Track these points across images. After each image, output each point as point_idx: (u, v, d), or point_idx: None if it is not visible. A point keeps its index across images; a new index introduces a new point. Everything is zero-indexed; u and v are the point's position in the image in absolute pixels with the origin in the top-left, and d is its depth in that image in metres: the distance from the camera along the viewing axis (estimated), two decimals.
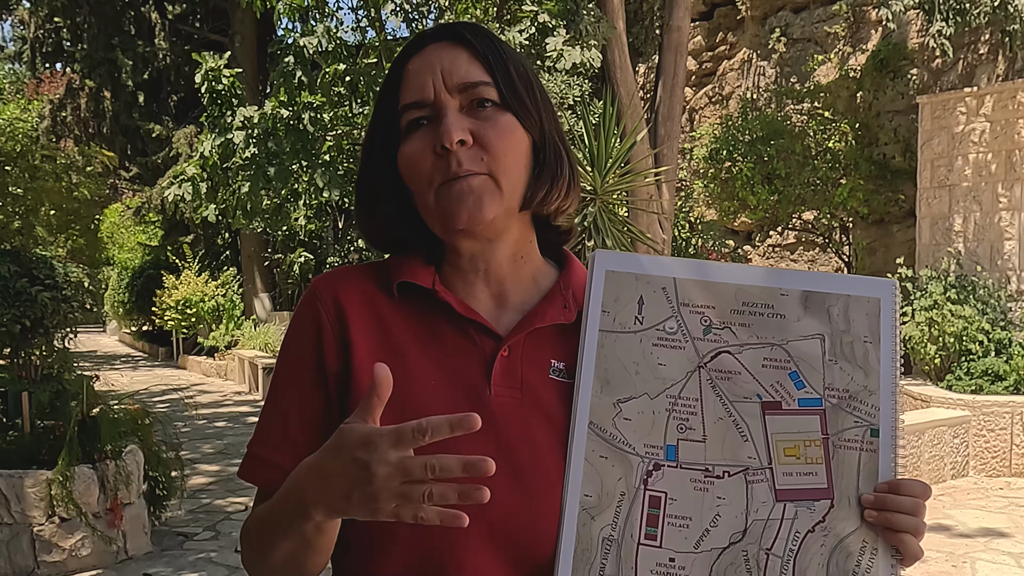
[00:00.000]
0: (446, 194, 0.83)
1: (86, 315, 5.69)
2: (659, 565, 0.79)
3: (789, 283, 0.85)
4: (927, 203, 8.10)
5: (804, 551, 0.79)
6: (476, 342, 0.86)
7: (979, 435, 6.26)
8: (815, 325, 0.83)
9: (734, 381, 0.82)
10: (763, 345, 0.83)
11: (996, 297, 7.15)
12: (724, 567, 0.79)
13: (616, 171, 5.94)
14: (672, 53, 8.04)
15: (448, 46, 0.86)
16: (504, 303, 0.90)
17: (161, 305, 15.00)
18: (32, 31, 18.76)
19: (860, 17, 10.11)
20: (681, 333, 0.83)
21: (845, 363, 0.82)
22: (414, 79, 0.85)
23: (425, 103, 0.84)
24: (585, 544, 0.79)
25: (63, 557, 4.29)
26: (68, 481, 4.21)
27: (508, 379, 0.85)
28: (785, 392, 0.82)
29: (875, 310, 0.84)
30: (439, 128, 0.83)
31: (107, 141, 17.32)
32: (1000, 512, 5.35)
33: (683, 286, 0.84)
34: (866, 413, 0.82)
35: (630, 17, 10.96)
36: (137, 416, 4.96)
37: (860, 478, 0.80)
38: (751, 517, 0.79)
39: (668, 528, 0.79)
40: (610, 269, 0.86)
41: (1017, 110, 7.43)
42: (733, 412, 0.81)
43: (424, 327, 0.87)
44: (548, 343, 0.88)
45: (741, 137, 9.35)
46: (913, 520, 0.78)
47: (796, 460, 0.80)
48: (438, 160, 0.83)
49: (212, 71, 8.68)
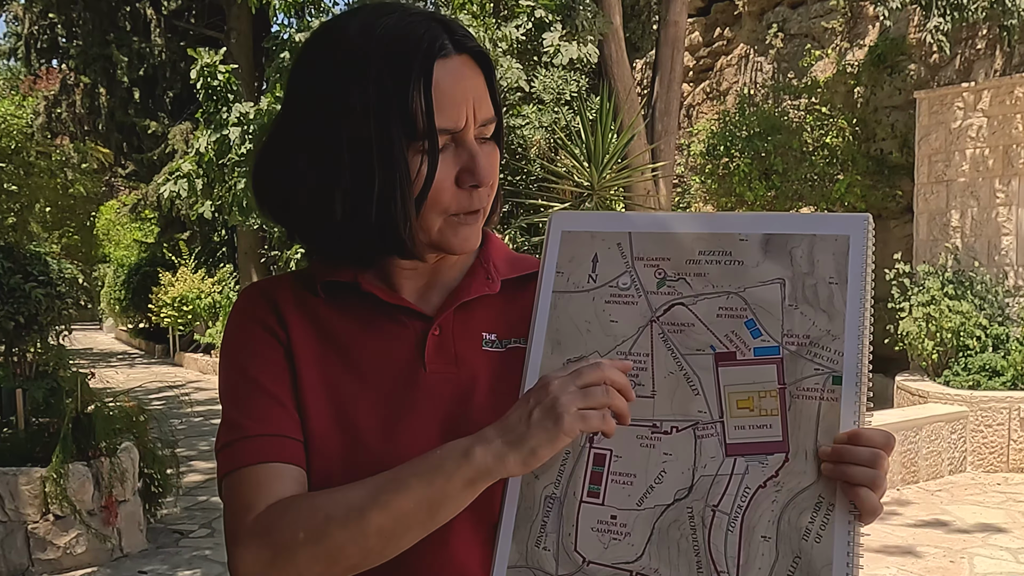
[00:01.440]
0: (454, 226, 0.84)
1: (82, 312, 5.68)
2: (600, 523, 0.77)
3: (749, 227, 0.80)
4: (924, 198, 8.09)
5: (754, 507, 0.74)
6: (407, 326, 0.87)
7: (977, 431, 6.26)
8: (775, 269, 0.78)
9: (687, 333, 0.79)
10: (719, 294, 0.79)
11: (993, 292, 7.14)
12: (667, 524, 0.76)
13: (613, 167, 5.93)
14: (669, 48, 8.03)
15: (472, 67, 0.84)
16: (430, 285, 0.91)
17: (157, 302, 14.97)
18: (27, 27, 18.68)
19: (857, 13, 10.10)
20: (634, 288, 0.81)
21: (807, 307, 0.77)
22: (450, 104, 0.80)
23: (456, 131, 0.82)
24: (528, 503, 0.78)
25: (58, 555, 4.27)
26: (63, 478, 4.19)
27: (442, 356, 0.86)
28: (740, 342, 0.77)
29: (843, 248, 0.77)
30: (471, 163, 0.82)
31: (102, 138, 17.27)
32: (998, 508, 5.36)
33: (638, 240, 0.82)
34: (828, 360, 0.75)
35: (627, 12, 10.93)
36: (132, 413, 4.94)
37: (819, 430, 0.74)
38: (698, 473, 0.76)
39: (612, 485, 0.77)
40: (566, 229, 0.84)
41: (1015, 105, 7.42)
42: (685, 365, 0.78)
43: (354, 320, 0.87)
44: (477, 316, 0.89)
45: (738, 133, 9.34)
46: (871, 472, 0.72)
47: (750, 412, 0.76)
48: (460, 192, 0.83)
49: (208, 67, 8.65)
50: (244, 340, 0.87)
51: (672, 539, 0.76)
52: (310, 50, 0.85)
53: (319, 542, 0.74)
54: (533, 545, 0.78)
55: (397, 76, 0.79)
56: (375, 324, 0.87)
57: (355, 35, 0.82)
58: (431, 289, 0.90)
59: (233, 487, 0.81)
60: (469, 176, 0.82)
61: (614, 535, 0.77)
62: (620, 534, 0.77)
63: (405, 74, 0.79)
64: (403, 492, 0.74)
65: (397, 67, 0.80)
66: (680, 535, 0.76)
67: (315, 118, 0.82)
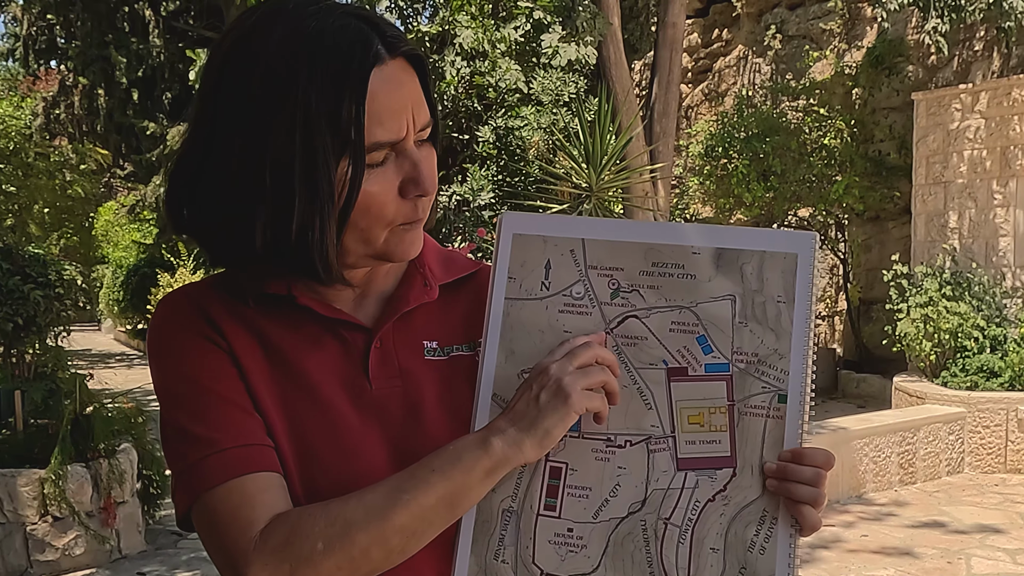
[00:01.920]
0: (399, 236, 0.80)
1: (80, 313, 5.68)
2: (557, 536, 0.78)
3: (701, 240, 0.80)
4: (922, 200, 8.10)
5: (703, 520, 0.77)
6: (346, 339, 0.84)
7: (974, 431, 6.27)
8: (727, 285, 0.79)
9: (640, 347, 0.79)
10: (671, 308, 0.79)
11: (991, 294, 7.16)
12: (622, 537, 0.78)
13: (611, 168, 5.94)
14: (667, 49, 8.03)
15: (407, 71, 0.78)
16: (365, 294, 0.87)
17: (156, 303, 14.95)
18: (25, 28, 18.67)
19: (855, 14, 10.12)
20: (588, 298, 0.80)
21: (756, 325, 0.78)
22: (389, 116, 0.76)
23: (397, 142, 0.78)
24: (485, 516, 0.79)
25: (56, 556, 4.27)
26: (61, 480, 4.19)
27: (385, 370, 0.84)
28: (692, 358, 0.79)
29: (791, 267, 0.78)
30: (414, 172, 0.78)
31: (101, 139, 17.26)
32: (995, 508, 5.36)
33: (592, 247, 0.81)
34: (775, 378, 0.78)
35: (625, 13, 10.95)
36: (131, 414, 4.95)
37: (764, 446, 0.77)
38: (651, 487, 0.78)
39: (568, 498, 0.78)
40: (517, 232, 0.82)
41: (1012, 106, 7.44)
42: (638, 379, 0.79)
43: (292, 332, 0.83)
44: (416, 324, 0.87)
45: (737, 134, 9.35)
46: (812, 491, 0.75)
47: (700, 428, 0.78)
48: (403, 203, 0.79)
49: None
50: (184, 350, 0.80)
51: (627, 551, 0.78)
52: (225, 61, 0.77)
53: (341, 549, 0.72)
54: (491, 558, 0.79)
55: (328, 90, 0.73)
56: (313, 337, 0.83)
57: (277, 44, 0.74)
58: (366, 298, 0.87)
59: (219, 505, 0.75)
60: (414, 186, 0.79)
61: (571, 547, 0.78)
62: (577, 546, 0.78)
63: (338, 87, 0.73)
64: (424, 489, 0.74)
65: (328, 80, 0.73)
66: (634, 547, 0.78)
67: (232, 140, 0.75)
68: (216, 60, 0.79)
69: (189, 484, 0.77)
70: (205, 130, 0.78)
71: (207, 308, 0.82)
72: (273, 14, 0.77)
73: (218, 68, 0.78)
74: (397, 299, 0.87)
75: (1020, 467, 6.18)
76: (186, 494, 0.77)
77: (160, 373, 0.81)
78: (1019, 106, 7.40)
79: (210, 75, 0.78)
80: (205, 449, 0.77)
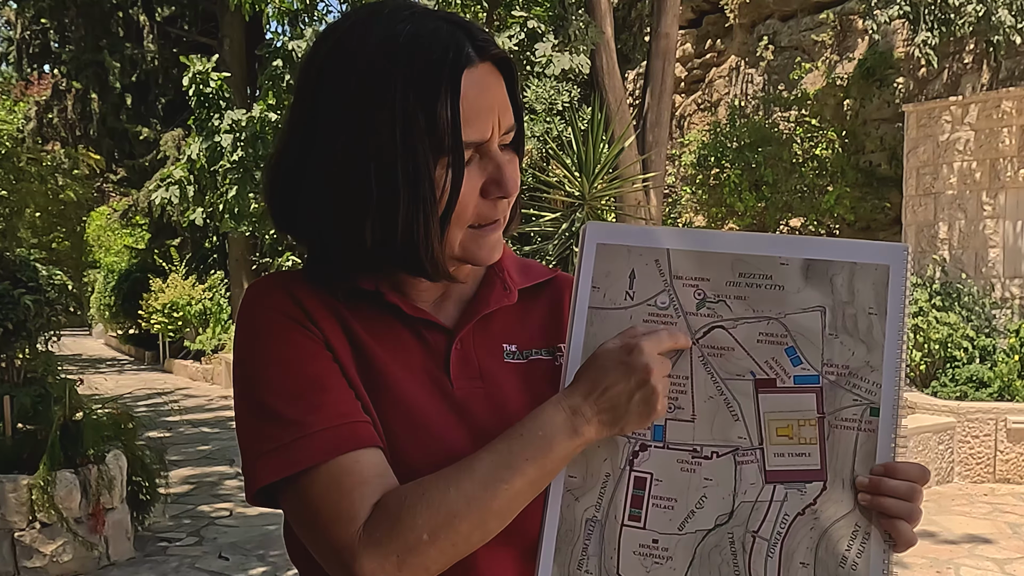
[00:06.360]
0: (477, 238, 0.82)
1: (71, 318, 5.65)
2: (642, 547, 0.78)
3: (790, 251, 0.79)
4: (912, 211, 8.15)
5: (792, 534, 0.76)
6: (427, 339, 0.86)
7: (964, 441, 6.30)
8: (816, 297, 0.78)
9: (727, 358, 0.79)
10: (759, 319, 0.79)
11: (981, 304, 7.20)
12: (708, 549, 0.77)
13: (604, 177, 5.96)
14: (660, 60, 8.08)
15: (495, 74, 0.81)
16: (446, 295, 0.89)
17: (147, 308, 14.91)
18: (19, 32, 18.64)
19: (847, 26, 10.19)
20: (673, 308, 0.80)
21: (847, 337, 0.77)
22: (477, 117, 0.78)
23: (482, 143, 0.80)
24: (569, 525, 0.79)
25: (44, 563, 4.25)
26: (50, 486, 4.17)
27: (466, 371, 0.85)
28: (780, 369, 0.78)
29: (883, 279, 0.77)
30: (497, 174, 0.81)
31: (94, 144, 17.21)
32: (984, 518, 5.38)
33: (677, 258, 0.80)
34: (866, 391, 0.77)
35: (618, 24, 11.00)
36: (121, 420, 4.92)
37: (856, 460, 0.76)
38: (739, 499, 0.77)
39: (653, 509, 0.78)
40: (601, 242, 0.82)
41: (1001, 119, 7.50)
42: (724, 390, 0.78)
43: (378, 328, 0.84)
44: (495, 327, 0.88)
45: (729, 144, 9.40)
46: (908, 506, 0.74)
47: (789, 440, 0.77)
48: (483, 203, 0.81)
49: (200, 74, 8.66)
50: (276, 331, 0.80)
51: (713, 564, 0.77)
52: (324, 65, 0.79)
53: (446, 538, 0.74)
54: (575, 568, 0.79)
55: (424, 90, 0.76)
56: (395, 334, 0.85)
57: (375, 47, 0.77)
58: (447, 300, 0.89)
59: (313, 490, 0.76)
60: (496, 187, 0.81)
61: (656, 559, 0.78)
62: (662, 558, 0.78)
63: (433, 88, 0.76)
64: (519, 475, 0.75)
65: (424, 81, 0.76)
66: (721, 560, 0.77)
67: (335, 140, 0.78)
68: (314, 63, 0.81)
69: (280, 464, 0.77)
70: (306, 130, 0.80)
71: (300, 297, 0.82)
72: (368, 18, 0.79)
73: (317, 70, 0.80)
74: (477, 301, 0.88)
75: (1009, 477, 6.20)
76: (274, 473, 0.77)
77: (250, 356, 0.81)
78: (1008, 119, 7.46)
79: (309, 77, 0.81)
80: (296, 432, 0.77)
